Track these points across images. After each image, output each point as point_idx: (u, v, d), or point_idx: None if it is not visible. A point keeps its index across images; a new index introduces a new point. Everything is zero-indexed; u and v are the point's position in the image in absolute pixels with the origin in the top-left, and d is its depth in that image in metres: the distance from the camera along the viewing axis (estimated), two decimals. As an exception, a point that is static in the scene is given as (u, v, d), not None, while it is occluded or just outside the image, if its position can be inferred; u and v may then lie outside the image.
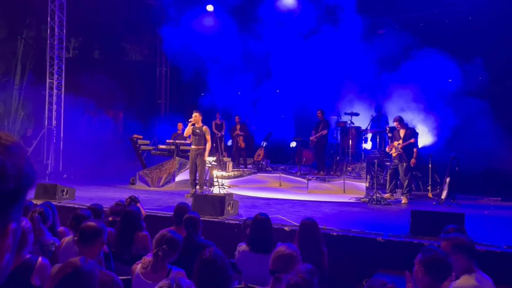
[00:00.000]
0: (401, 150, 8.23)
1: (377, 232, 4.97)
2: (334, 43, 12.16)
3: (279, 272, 2.55)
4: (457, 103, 10.30)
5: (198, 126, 8.49)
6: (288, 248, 2.68)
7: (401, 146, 8.23)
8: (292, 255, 2.63)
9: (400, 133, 8.39)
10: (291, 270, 2.39)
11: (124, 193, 8.71)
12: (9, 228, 0.59)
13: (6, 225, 0.58)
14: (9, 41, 21.91)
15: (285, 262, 2.60)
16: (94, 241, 2.94)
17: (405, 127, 8.50)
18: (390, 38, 11.64)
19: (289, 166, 12.71)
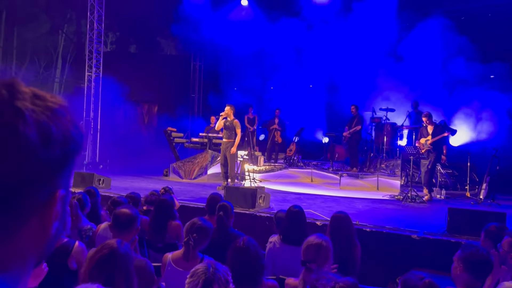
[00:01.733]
0: (430, 146, 8.00)
1: (412, 229, 4.84)
2: (370, 37, 11.90)
3: (310, 262, 2.52)
4: (499, 101, 9.88)
5: (229, 120, 8.54)
6: (318, 238, 2.64)
7: (430, 142, 7.99)
8: (322, 245, 2.59)
9: (428, 130, 8.16)
10: (321, 260, 2.36)
11: (158, 184, 8.87)
12: (57, 195, 0.57)
13: (54, 192, 0.56)
14: (51, 35, 22.74)
15: (316, 251, 2.57)
16: (128, 227, 3.00)
17: (434, 123, 8.25)
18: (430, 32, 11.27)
19: (321, 162, 12.57)
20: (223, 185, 8.40)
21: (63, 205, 0.58)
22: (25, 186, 0.53)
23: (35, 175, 0.53)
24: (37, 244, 0.57)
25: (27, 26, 21.71)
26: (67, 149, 0.56)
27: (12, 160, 0.51)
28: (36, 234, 0.56)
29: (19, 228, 0.54)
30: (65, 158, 0.56)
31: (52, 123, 0.54)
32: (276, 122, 12.54)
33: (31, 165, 0.52)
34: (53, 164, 0.54)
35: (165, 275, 2.86)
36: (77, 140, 0.58)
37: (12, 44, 21.41)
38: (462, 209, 4.83)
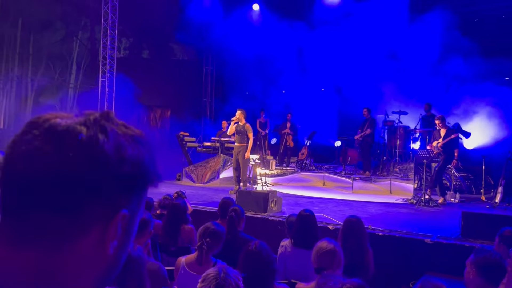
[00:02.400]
0: (441, 149, 7.91)
1: (426, 233, 4.80)
2: (382, 39, 11.85)
3: (324, 269, 2.52)
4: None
5: (241, 124, 8.57)
6: (330, 243, 2.64)
7: (441, 144, 7.90)
8: (335, 250, 2.59)
9: (440, 133, 8.08)
10: (335, 266, 2.36)
11: (171, 188, 8.93)
12: (120, 213, 0.58)
13: (118, 210, 0.58)
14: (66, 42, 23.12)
15: (330, 258, 2.57)
16: (141, 231, 3.04)
17: (447, 127, 8.16)
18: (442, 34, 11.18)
19: (333, 166, 12.53)
20: (235, 189, 8.43)
21: (125, 227, 0.60)
22: (93, 194, 0.55)
23: (104, 187, 0.56)
24: (94, 262, 0.58)
25: (43, 33, 22.11)
26: (138, 171, 0.59)
27: (88, 167, 0.54)
28: (94, 250, 0.57)
29: (78, 237, 0.56)
30: (135, 180, 0.59)
31: (129, 145, 0.59)
32: (288, 126, 12.54)
33: (103, 176, 0.55)
34: (123, 182, 0.57)
35: (178, 279, 2.88)
36: (149, 168, 0.62)
37: (28, 51, 21.80)
38: (476, 213, 4.77)
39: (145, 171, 0.61)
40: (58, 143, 0.54)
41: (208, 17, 14.20)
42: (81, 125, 0.56)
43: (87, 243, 0.56)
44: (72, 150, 0.54)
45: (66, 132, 0.55)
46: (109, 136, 0.57)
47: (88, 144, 0.55)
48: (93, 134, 0.56)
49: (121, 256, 0.62)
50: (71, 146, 0.54)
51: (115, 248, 0.59)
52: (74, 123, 0.57)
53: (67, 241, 0.55)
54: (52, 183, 0.53)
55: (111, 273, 0.61)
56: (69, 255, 0.55)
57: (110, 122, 0.59)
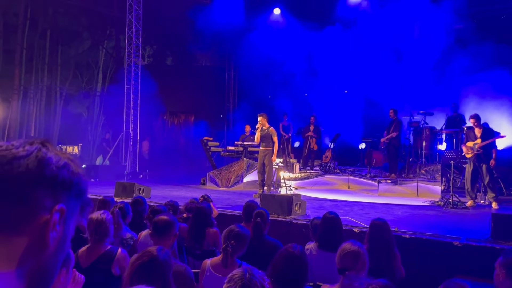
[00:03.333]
0: (480, 150, 7.60)
1: (454, 236, 4.70)
2: (406, 39, 11.70)
3: (348, 270, 2.51)
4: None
5: (265, 128, 8.60)
6: (354, 245, 2.63)
7: (479, 145, 7.58)
8: (359, 252, 2.57)
9: (476, 132, 7.74)
10: (358, 268, 2.35)
11: (195, 192, 9.04)
12: (57, 206, 0.72)
13: (55, 204, 0.72)
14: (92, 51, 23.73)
15: (354, 259, 2.56)
16: (167, 233, 3.09)
17: (482, 126, 7.82)
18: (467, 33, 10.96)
19: (358, 168, 12.40)
20: (259, 193, 8.45)
21: (62, 221, 0.73)
22: (37, 189, 0.71)
23: (43, 182, 0.72)
24: (34, 251, 0.71)
25: (70, 44, 22.77)
26: (72, 178, 0.76)
27: (32, 167, 0.71)
28: (35, 240, 0.70)
29: (20, 226, 0.69)
30: (70, 185, 0.75)
31: (66, 159, 0.77)
32: (311, 129, 12.49)
33: (42, 173, 0.72)
34: (59, 182, 0.74)
35: (204, 281, 2.92)
36: (81, 182, 0.78)
37: (57, 61, 22.47)
38: (506, 215, 4.64)
39: (77, 182, 0.77)
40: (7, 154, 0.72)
41: (230, 22, 14.33)
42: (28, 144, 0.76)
43: (32, 229, 0.70)
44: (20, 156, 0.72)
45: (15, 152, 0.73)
46: (50, 150, 0.76)
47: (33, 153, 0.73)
48: (38, 147, 0.74)
49: (58, 253, 0.75)
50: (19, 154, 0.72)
51: (54, 240, 0.72)
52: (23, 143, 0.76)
53: (17, 226, 0.69)
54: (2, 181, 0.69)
55: (51, 262, 0.74)
56: (19, 238, 0.69)
57: (51, 146, 0.77)
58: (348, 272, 2.50)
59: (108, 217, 3.31)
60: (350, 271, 2.47)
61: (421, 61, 11.54)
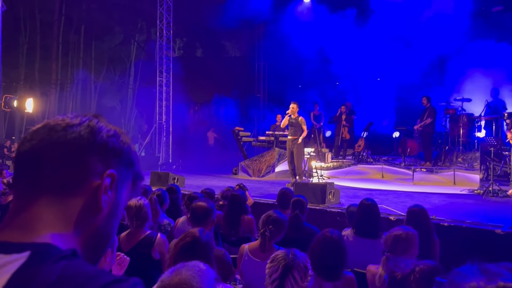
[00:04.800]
0: None
1: (496, 224, 4.55)
2: (441, 24, 11.32)
3: (388, 252, 2.48)
4: None
5: (294, 117, 8.54)
6: (399, 230, 2.59)
7: None
8: (401, 236, 2.53)
9: None
10: (401, 252, 2.31)
11: (228, 182, 9.12)
12: (108, 171, 0.76)
13: (106, 169, 0.76)
14: (124, 45, 24.21)
15: (394, 242, 2.52)
16: (205, 219, 3.14)
17: None
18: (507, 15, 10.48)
19: (392, 157, 12.16)
20: (292, 182, 8.43)
21: (114, 186, 0.77)
22: (91, 155, 0.75)
23: (97, 149, 0.75)
24: (89, 212, 0.74)
25: (103, 38, 23.29)
26: (122, 148, 0.79)
27: (85, 135, 0.75)
28: (90, 202, 0.74)
29: (78, 189, 0.73)
30: (121, 152, 0.79)
31: (116, 131, 0.81)
32: (343, 118, 12.30)
33: (96, 141, 0.76)
34: (110, 149, 0.77)
35: (242, 265, 2.95)
36: (130, 151, 0.81)
37: (91, 55, 23.07)
38: (553, 202, 4.45)
39: (127, 152, 0.80)
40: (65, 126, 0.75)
41: (259, 13, 14.26)
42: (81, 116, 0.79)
43: (85, 193, 0.74)
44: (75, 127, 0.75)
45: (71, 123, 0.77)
46: (103, 122, 0.79)
47: (86, 123, 0.76)
48: (91, 119, 0.78)
49: (110, 221, 0.78)
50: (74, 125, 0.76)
51: (107, 204, 0.76)
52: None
53: (72, 189, 0.73)
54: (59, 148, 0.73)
55: (105, 228, 0.78)
56: (74, 200, 0.73)
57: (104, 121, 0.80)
58: (387, 254, 2.47)
59: (146, 203, 3.40)
60: (398, 255, 2.44)
61: (458, 46, 11.14)
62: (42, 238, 0.68)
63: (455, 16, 11.13)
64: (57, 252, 0.67)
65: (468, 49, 11.08)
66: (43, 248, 0.67)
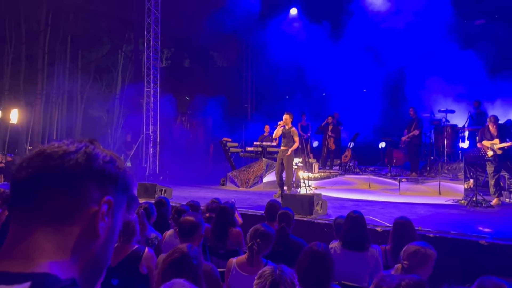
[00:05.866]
0: (500, 151, 7.43)
1: (480, 234, 4.62)
2: (424, 37, 11.55)
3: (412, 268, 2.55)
4: None
5: (287, 128, 8.58)
6: (416, 245, 2.67)
7: (499, 147, 7.41)
8: (425, 253, 2.60)
9: (491, 132, 7.53)
10: (421, 268, 2.36)
11: (215, 193, 9.10)
12: (105, 198, 0.77)
13: (103, 196, 0.77)
14: (111, 55, 24.13)
15: (415, 256, 2.59)
16: (193, 234, 3.13)
17: (497, 124, 7.58)
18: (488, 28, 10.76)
19: (378, 168, 12.29)
20: (278, 193, 8.45)
21: (110, 213, 0.78)
22: (88, 181, 0.76)
23: (93, 176, 0.77)
24: (87, 239, 0.75)
25: (90, 49, 23.19)
26: (118, 173, 0.81)
27: (82, 162, 0.76)
28: (87, 229, 0.75)
29: (75, 217, 0.74)
30: (116, 178, 0.80)
31: (112, 156, 0.82)
32: (329, 128, 12.41)
33: (92, 168, 0.77)
34: (106, 175, 0.78)
35: (230, 280, 2.95)
36: (126, 176, 0.83)
37: (78, 65, 22.91)
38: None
39: (123, 177, 0.81)
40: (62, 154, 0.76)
41: (247, 23, 14.38)
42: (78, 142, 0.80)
43: (83, 220, 0.75)
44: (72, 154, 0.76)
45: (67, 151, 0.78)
46: (98, 147, 0.81)
47: (83, 150, 0.78)
48: (87, 145, 0.79)
49: (107, 246, 0.80)
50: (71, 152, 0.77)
51: (104, 230, 0.77)
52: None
53: (69, 216, 0.74)
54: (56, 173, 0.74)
55: (103, 252, 0.79)
56: (68, 233, 0.74)
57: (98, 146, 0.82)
58: (404, 266, 2.53)
59: (133, 217, 3.38)
60: (415, 270, 2.50)
61: (443, 58, 11.37)
62: (41, 268, 0.69)
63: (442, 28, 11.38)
64: (57, 282, 0.68)
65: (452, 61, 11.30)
66: (43, 279, 0.68)
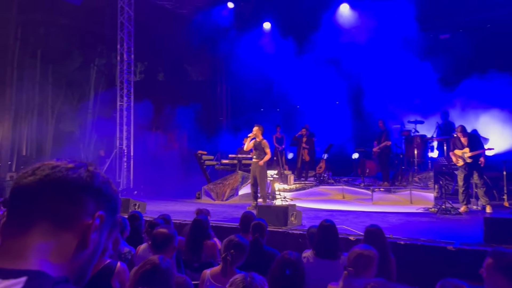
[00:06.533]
0: (471, 160, 7.71)
1: (448, 241, 4.77)
2: (395, 50, 11.92)
3: (354, 271, 2.58)
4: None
5: (258, 140, 8.66)
6: (361, 248, 2.71)
7: (470, 155, 7.68)
8: (367, 255, 2.65)
9: (462, 141, 7.85)
10: (362, 269, 2.41)
11: (191, 206, 9.05)
12: (98, 212, 0.84)
13: (97, 211, 0.84)
14: (84, 69, 23.80)
15: (356, 260, 2.63)
16: (166, 246, 3.13)
17: (467, 134, 7.92)
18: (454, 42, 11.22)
19: (352, 178, 12.49)
20: (252, 205, 8.47)
21: (101, 224, 0.85)
22: (83, 194, 0.83)
23: (90, 191, 0.85)
24: (79, 247, 0.82)
25: (62, 62, 22.82)
26: (112, 195, 0.89)
27: (81, 180, 0.84)
28: (80, 239, 0.82)
29: (69, 227, 0.81)
30: (110, 199, 0.88)
31: (108, 179, 0.91)
32: (303, 140, 12.58)
33: (90, 185, 0.85)
34: (101, 194, 0.86)
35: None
36: (117, 202, 0.91)
37: (48, 80, 22.48)
38: (498, 218, 4.74)
39: (115, 200, 0.89)
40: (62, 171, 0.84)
41: (221, 36, 14.51)
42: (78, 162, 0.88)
43: (78, 229, 0.81)
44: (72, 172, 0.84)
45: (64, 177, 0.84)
46: (96, 168, 0.89)
47: (83, 169, 0.86)
48: (85, 165, 0.87)
49: (97, 249, 0.86)
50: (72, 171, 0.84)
51: (93, 242, 0.83)
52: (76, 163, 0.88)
53: (67, 223, 0.80)
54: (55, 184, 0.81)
55: (90, 260, 0.86)
56: (61, 240, 0.79)
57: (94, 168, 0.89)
58: (348, 269, 2.57)
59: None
60: (359, 271, 2.55)
61: (410, 71, 11.74)
62: (36, 266, 0.75)
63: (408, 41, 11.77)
64: (50, 279, 0.73)
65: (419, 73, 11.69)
66: (37, 275, 0.73)
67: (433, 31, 12.56)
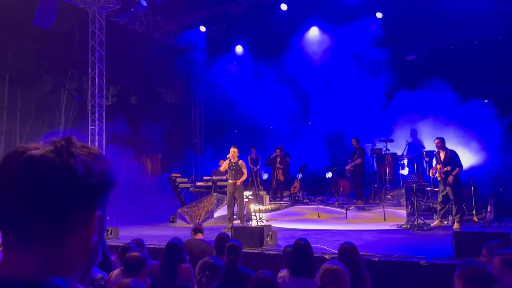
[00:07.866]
0: (443, 176, 7.91)
1: (420, 256, 4.87)
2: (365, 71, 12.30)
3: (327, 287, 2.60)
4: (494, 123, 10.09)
5: (233, 161, 8.70)
6: (334, 264, 2.73)
7: (443, 171, 7.87)
8: (339, 270, 2.67)
9: (440, 155, 8.07)
10: (339, 285, 2.44)
11: (165, 231, 8.92)
12: (96, 214, 0.77)
13: (93, 212, 0.77)
14: (54, 94, 23.38)
15: (332, 277, 2.65)
16: (139, 270, 3.08)
17: (445, 149, 8.10)
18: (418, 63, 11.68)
19: (326, 197, 12.60)
20: (228, 227, 8.41)
21: (100, 223, 0.79)
22: (73, 204, 0.73)
23: (80, 197, 0.74)
24: (82, 253, 0.76)
25: (31, 87, 22.37)
26: (103, 180, 0.78)
27: (66, 186, 0.72)
28: (81, 245, 0.75)
29: (67, 238, 0.74)
30: (102, 187, 0.78)
31: (93, 162, 0.77)
32: (277, 160, 12.66)
33: (78, 189, 0.74)
34: (93, 190, 0.76)
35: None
36: (110, 175, 0.80)
37: (16, 105, 21.96)
38: (466, 232, 4.89)
39: (108, 179, 0.79)
40: (37, 171, 0.72)
41: (193, 59, 14.61)
42: (53, 154, 0.74)
43: (74, 242, 0.74)
44: (50, 175, 0.71)
45: (42, 162, 0.73)
46: (77, 159, 0.75)
47: (64, 169, 0.73)
48: (65, 160, 0.73)
49: (99, 246, 0.80)
50: (49, 172, 0.72)
51: (95, 241, 0.78)
52: (47, 152, 0.74)
53: (57, 244, 0.73)
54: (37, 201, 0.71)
55: (94, 260, 0.80)
56: (62, 254, 0.73)
57: (74, 147, 0.77)
58: None
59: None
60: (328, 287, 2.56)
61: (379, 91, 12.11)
62: (46, 277, 0.71)
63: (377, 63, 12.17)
64: None
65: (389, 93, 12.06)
66: (51, 286, 0.70)
67: (399, 52, 13.06)
